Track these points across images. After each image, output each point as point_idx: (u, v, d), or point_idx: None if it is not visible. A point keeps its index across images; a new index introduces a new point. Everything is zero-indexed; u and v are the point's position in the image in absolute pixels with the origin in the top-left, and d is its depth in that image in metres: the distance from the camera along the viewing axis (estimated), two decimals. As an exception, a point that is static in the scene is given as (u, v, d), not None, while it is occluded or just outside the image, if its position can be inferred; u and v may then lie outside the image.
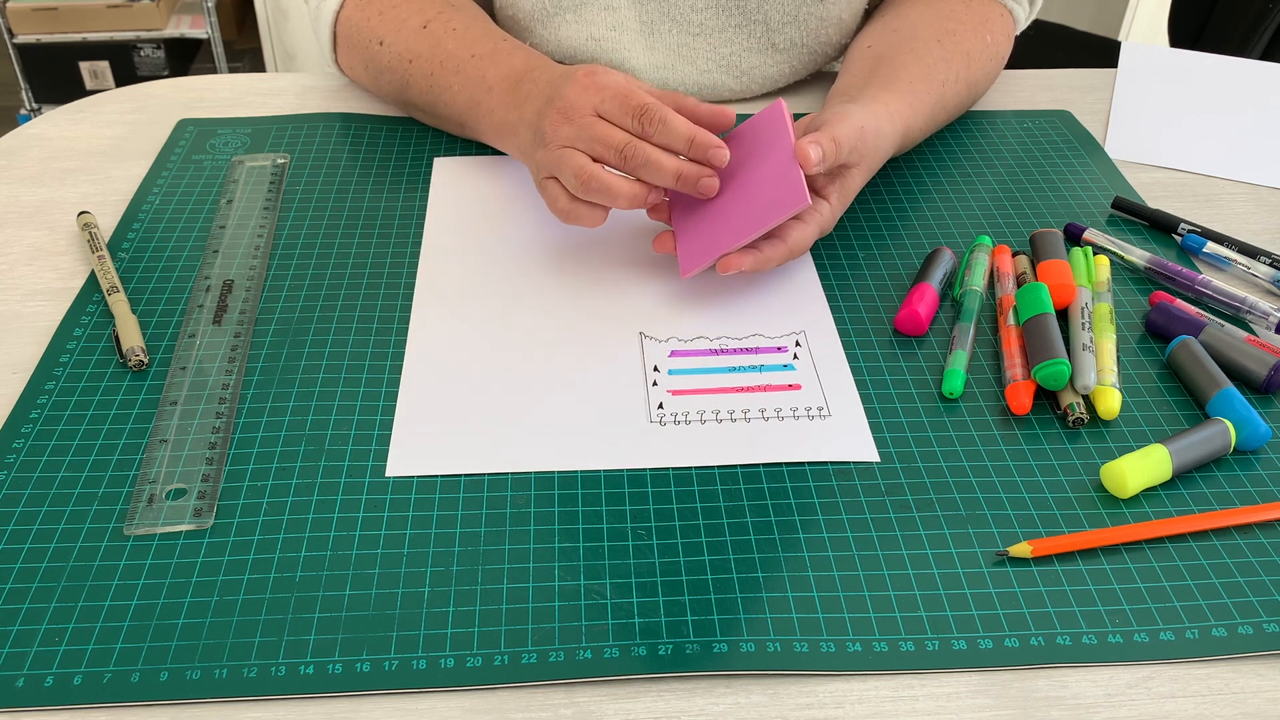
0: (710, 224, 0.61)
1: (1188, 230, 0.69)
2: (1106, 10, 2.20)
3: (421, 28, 0.73)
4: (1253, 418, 0.53)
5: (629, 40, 0.79)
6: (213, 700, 0.42)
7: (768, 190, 0.59)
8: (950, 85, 0.74)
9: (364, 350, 0.58)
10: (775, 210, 0.58)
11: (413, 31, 0.73)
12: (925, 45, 0.74)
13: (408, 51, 0.73)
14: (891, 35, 0.75)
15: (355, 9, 0.76)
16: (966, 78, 0.75)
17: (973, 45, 0.76)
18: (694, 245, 0.62)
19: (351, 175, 0.73)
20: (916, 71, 0.71)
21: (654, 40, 0.79)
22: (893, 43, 0.74)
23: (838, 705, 0.42)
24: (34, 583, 0.46)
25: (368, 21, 0.75)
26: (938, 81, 0.72)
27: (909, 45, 0.74)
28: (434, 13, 0.73)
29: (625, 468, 0.52)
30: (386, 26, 0.74)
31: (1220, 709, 0.43)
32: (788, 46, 0.80)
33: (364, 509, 0.49)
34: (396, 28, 0.74)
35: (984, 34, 0.77)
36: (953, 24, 0.76)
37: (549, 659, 0.43)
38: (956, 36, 0.75)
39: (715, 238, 0.60)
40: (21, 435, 0.52)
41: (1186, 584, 0.47)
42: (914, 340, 0.60)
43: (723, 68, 0.80)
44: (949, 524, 0.50)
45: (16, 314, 0.61)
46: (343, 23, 0.77)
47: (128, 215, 0.68)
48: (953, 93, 0.74)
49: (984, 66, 0.78)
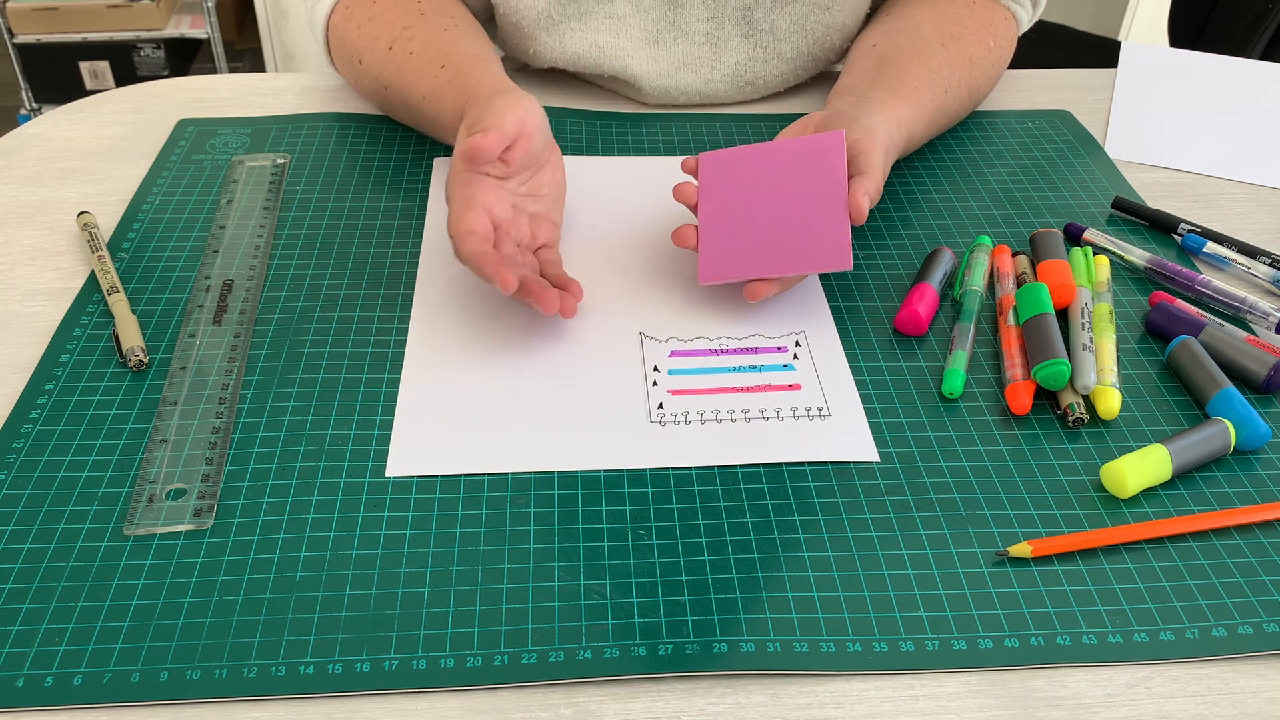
0: (743, 240, 0.60)
1: (1188, 230, 0.69)
2: (1106, 10, 2.20)
3: (388, 49, 0.72)
4: (1253, 418, 0.53)
5: (633, 48, 0.78)
6: (213, 700, 0.42)
7: (812, 234, 0.59)
8: (953, 92, 0.74)
9: (364, 350, 0.58)
10: (816, 262, 0.58)
11: (382, 54, 0.73)
12: (930, 48, 0.73)
13: (381, 77, 0.73)
14: (896, 35, 0.75)
15: (342, 16, 0.76)
16: (968, 83, 0.75)
17: (976, 50, 0.76)
18: (719, 255, 0.61)
19: (351, 175, 0.73)
20: (921, 75, 0.71)
21: (658, 49, 0.79)
22: (897, 43, 0.74)
23: (838, 705, 0.42)
24: (34, 583, 0.46)
25: (349, 35, 0.75)
26: (940, 88, 0.72)
27: (913, 47, 0.73)
28: (399, 28, 0.72)
29: (625, 468, 0.52)
30: (364, 43, 0.74)
31: (1220, 709, 0.43)
32: (794, 56, 0.80)
33: (364, 509, 0.49)
34: (370, 45, 0.73)
35: (987, 39, 0.77)
36: (957, 27, 0.75)
37: (549, 659, 0.43)
38: (960, 41, 0.75)
39: (746, 257, 0.60)
40: (21, 435, 0.52)
41: (1186, 584, 0.47)
42: (914, 340, 0.60)
43: (727, 77, 0.80)
44: (949, 524, 0.50)
45: (16, 314, 0.61)
46: (332, 28, 0.77)
47: (128, 215, 0.68)
48: (955, 99, 0.74)
49: (986, 72, 0.77)
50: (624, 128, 0.79)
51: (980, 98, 0.79)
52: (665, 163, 0.75)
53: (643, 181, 0.73)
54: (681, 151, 0.76)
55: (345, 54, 0.77)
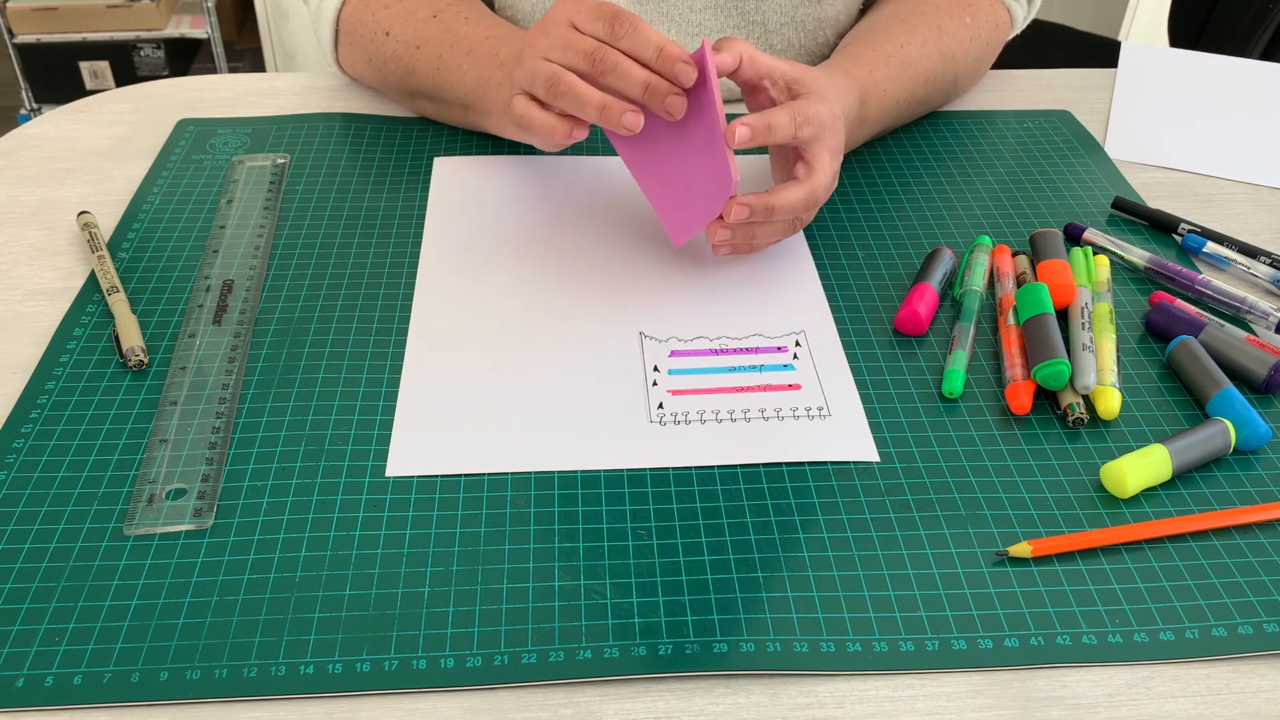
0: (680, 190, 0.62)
1: (1188, 230, 0.69)
2: (1106, 10, 2.20)
3: (431, 17, 0.74)
4: (1253, 418, 0.53)
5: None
6: (213, 700, 0.42)
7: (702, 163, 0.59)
8: (916, 49, 0.74)
9: (364, 350, 0.58)
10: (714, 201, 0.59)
11: (421, 21, 0.74)
12: (885, 23, 0.75)
13: (415, 38, 0.74)
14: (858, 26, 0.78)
15: (359, 4, 0.77)
16: (939, 48, 0.76)
17: (945, 21, 0.76)
18: (675, 214, 0.62)
19: (351, 175, 0.73)
20: (870, 40, 0.73)
21: None
22: (854, 32, 0.76)
23: (838, 705, 0.42)
24: (34, 583, 0.46)
25: (373, 15, 0.76)
26: (896, 43, 0.73)
27: (868, 26, 0.76)
28: (444, 5, 0.74)
29: (625, 468, 0.52)
30: (393, 19, 0.75)
31: (1220, 709, 0.43)
32: (784, 48, 0.81)
33: (364, 509, 0.49)
34: (404, 19, 0.75)
35: (962, 14, 0.77)
36: (926, 6, 0.77)
37: (549, 659, 0.43)
38: (925, 16, 0.76)
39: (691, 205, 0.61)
40: (21, 435, 0.52)
41: (1186, 584, 0.47)
42: (914, 340, 0.60)
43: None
44: (949, 524, 0.50)
45: (16, 314, 0.61)
46: (345, 19, 0.77)
47: (128, 215, 0.68)
48: (920, 55, 0.74)
49: (962, 44, 0.77)
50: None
51: (962, 70, 0.79)
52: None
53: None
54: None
55: (363, 35, 0.76)
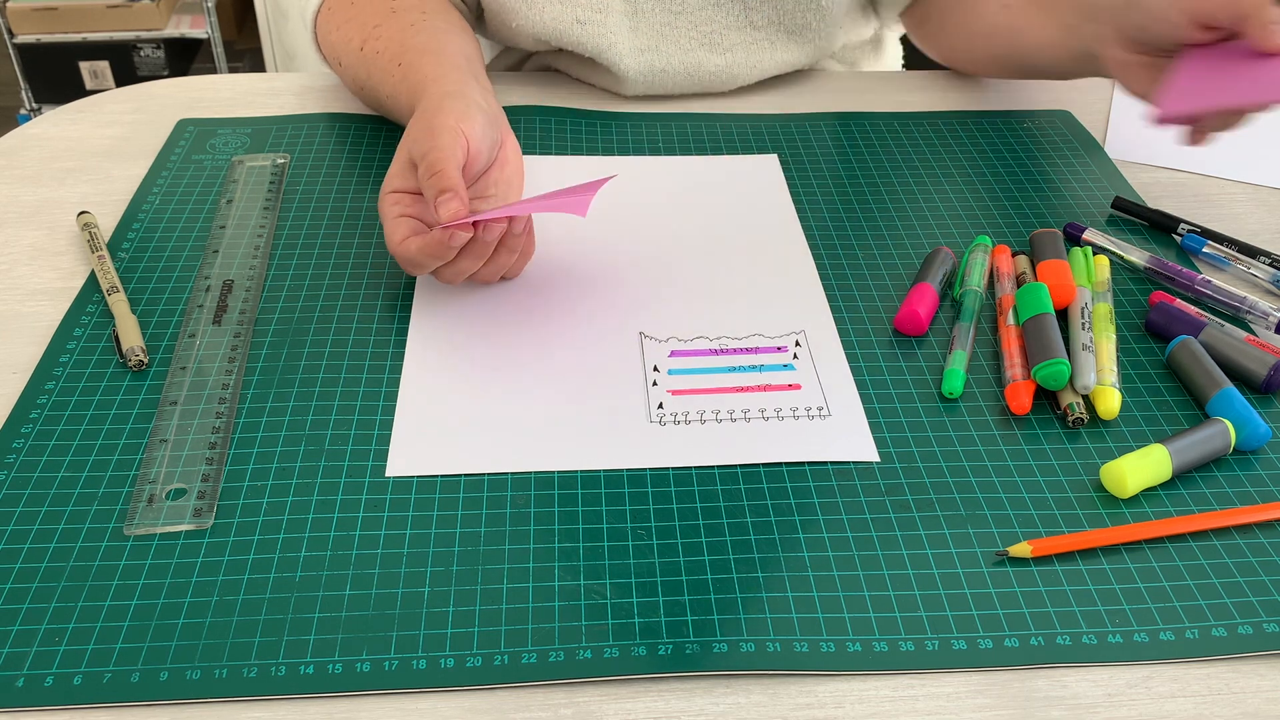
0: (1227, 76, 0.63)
1: (1188, 230, 0.69)
2: (1106, 10, 2.19)
3: (359, 50, 0.74)
4: (1253, 418, 0.53)
5: (614, 22, 0.79)
6: (213, 700, 0.42)
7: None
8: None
9: (364, 350, 0.58)
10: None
11: (355, 55, 0.74)
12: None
13: (358, 78, 0.75)
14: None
15: (324, 17, 0.78)
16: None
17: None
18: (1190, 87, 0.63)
19: (351, 175, 0.73)
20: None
21: (638, 20, 0.80)
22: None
23: (838, 705, 0.42)
24: (34, 583, 0.46)
25: (329, 37, 0.77)
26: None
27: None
28: (370, 27, 0.73)
29: (625, 468, 0.52)
30: (343, 46, 0.76)
31: (1220, 709, 0.43)
32: (764, 24, 0.82)
33: (364, 509, 0.49)
34: (345, 46, 0.75)
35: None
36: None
37: (549, 659, 0.43)
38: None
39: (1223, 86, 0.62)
40: (21, 435, 0.52)
41: (1186, 584, 0.47)
42: (914, 340, 0.60)
43: (704, 45, 0.81)
44: (949, 524, 0.50)
45: (16, 314, 0.61)
46: (319, 29, 0.79)
47: (128, 215, 0.68)
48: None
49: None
50: (623, 128, 0.79)
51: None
52: (662, 163, 0.75)
53: (641, 181, 0.73)
54: (681, 152, 0.76)
55: (329, 56, 0.79)
